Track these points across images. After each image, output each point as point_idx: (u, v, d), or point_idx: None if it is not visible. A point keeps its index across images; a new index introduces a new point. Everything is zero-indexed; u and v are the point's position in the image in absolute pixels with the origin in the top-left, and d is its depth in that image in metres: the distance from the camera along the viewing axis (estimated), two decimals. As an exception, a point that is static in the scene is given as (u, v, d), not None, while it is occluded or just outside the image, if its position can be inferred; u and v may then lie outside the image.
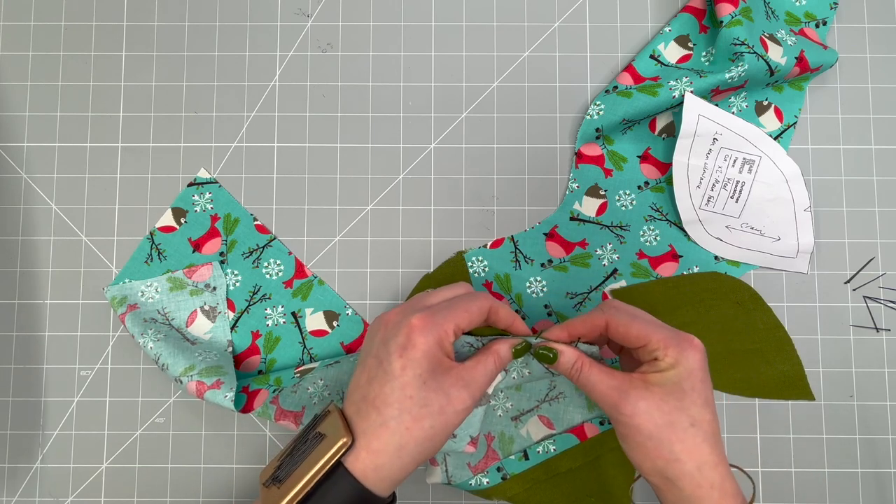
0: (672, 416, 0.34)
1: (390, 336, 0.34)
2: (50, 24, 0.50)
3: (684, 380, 0.34)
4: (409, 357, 0.33)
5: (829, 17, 0.50)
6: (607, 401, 0.35)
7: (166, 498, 0.46)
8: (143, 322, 0.45)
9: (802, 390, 0.47)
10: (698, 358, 0.34)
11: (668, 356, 0.34)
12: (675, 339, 0.35)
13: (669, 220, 0.49)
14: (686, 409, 0.34)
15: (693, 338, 0.35)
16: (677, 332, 0.35)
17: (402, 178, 0.49)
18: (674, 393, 0.34)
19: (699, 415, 0.34)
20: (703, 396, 0.34)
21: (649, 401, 0.34)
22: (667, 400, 0.34)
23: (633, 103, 0.46)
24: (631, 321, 0.36)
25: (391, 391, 0.33)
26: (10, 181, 0.48)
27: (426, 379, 0.33)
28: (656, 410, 0.34)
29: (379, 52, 0.50)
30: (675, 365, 0.34)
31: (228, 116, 0.49)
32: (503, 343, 0.37)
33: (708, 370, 0.35)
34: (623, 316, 0.36)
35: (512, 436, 0.45)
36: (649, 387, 0.34)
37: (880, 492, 0.46)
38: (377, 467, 0.32)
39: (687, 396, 0.34)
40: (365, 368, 0.35)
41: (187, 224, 0.48)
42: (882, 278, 0.48)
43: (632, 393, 0.34)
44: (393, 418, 0.33)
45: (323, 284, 0.48)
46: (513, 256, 0.48)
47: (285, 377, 0.44)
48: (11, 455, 0.47)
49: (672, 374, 0.34)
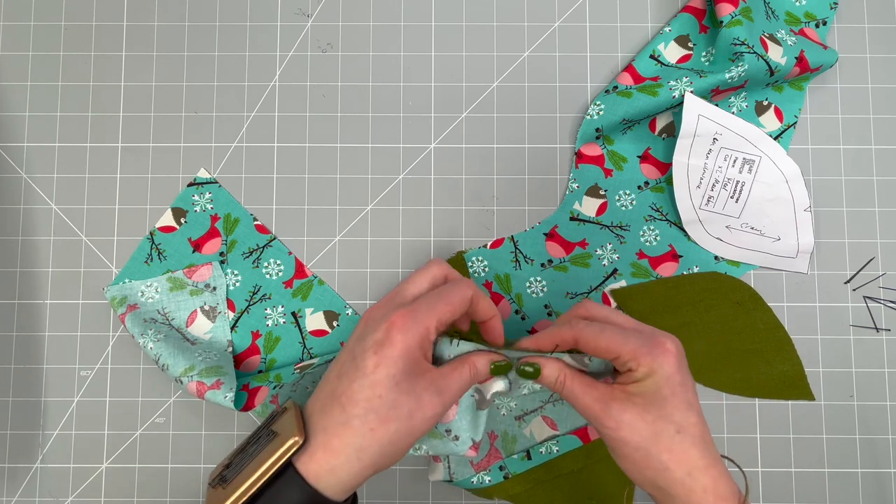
0: (656, 425, 0.33)
1: (368, 332, 0.33)
2: (50, 24, 0.50)
3: (662, 387, 0.33)
4: (384, 354, 0.31)
5: (829, 17, 0.50)
6: (591, 413, 0.34)
7: (166, 498, 0.46)
8: (142, 322, 0.45)
9: (802, 390, 0.47)
10: (672, 362, 0.33)
11: (641, 366, 0.33)
12: (647, 346, 0.33)
13: (669, 220, 0.49)
14: (669, 416, 0.33)
15: (665, 340, 0.34)
16: (649, 337, 0.34)
17: (402, 178, 0.49)
18: (655, 402, 0.33)
19: (684, 420, 0.33)
20: (684, 400, 0.33)
21: (632, 412, 0.33)
22: (649, 409, 0.33)
23: (633, 103, 0.46)
24: (599, 335, 0.34)
25: (360, 388, 0.31)
26: (10, 181, 0.48)
27: (399, 380, 0.31)
28: (640, 422, 0.33)
29: (379, 52, 0.50)
30: (650, 374, 0.33)
31: (228, 116, 0.49)
32: (481, 356, 0.35)
33: (686, 370, 0.34)
34: (591, 330, 0.35)
35: (515, 435, 0.45)
36: (631, 397, 0.34)
37: (880, 492, 0.46)
38: (333, 468, 0.31)
39: (668, 403, 0.33)
40: (337, 363, 0.34)
41: (187, 224, 0.48)
42: (882, 278, 0.48)
43: (614, 405, 0.33)
44: (357, 417, 0.31)
45: (323, 284, 0.48)
46: (513, 256, 0.48)
47: (285, 374, 0.44)
48: (11, 455, 0.47)
49: (649, 382, 0.33)
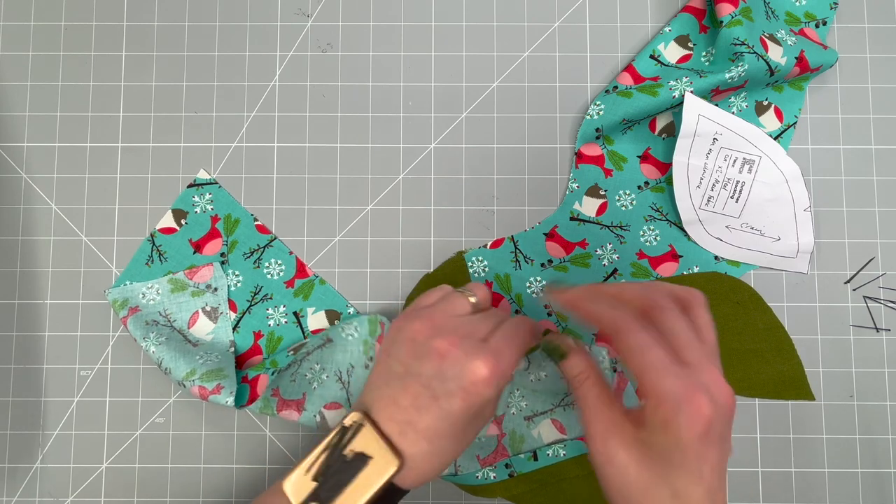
0: (651, 481, 0.28)
1: (451, 374, 0.32)
2: (50, 24, 0.50)
3: (674, 452, 0.27)
4: (471, 402, 0.32)
5: (829, 17, 0.50)
6: (588, 431, 0.31)
7: (166, 498, 0.46)
8: (144, 325, 0.45)
9: (802, 390, 0.47)
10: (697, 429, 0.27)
11: (658, 412, 0.27)
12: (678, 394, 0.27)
13: (669, 220, 0.49)
14: (670, 478, 0.28)
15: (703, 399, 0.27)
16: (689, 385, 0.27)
17: (402, 178, 0.49)
18: (659, 459, 0.28)
19: (686, 489, 0.27)
20: (696, 470, 0.27)
21: (630, 454, 0.29)
22: (652, 460, 0.28)
23: (633, 103, 0.46)
24: (646, 350, 0.28)
25: (446, 426, 0.33)
26: (10, 181, 0.48)
27: (476, 412, 0.33)
28: (634, 467, 0.28)
29: (379, 52, 0.50)
30: (664, 427, 0.27)
31: (228, 116, 0.49)
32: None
33: (717, 438, 0.28)
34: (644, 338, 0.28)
35: (523, 435, 0.45)
36: (638, 435, 0.29)
37: (880, 492, 0.46)
38: (421, 479, 0.34)
39: (676, 467, 0.28)
40: (408, 391, 0.33)
41: (188, 225, 0.48)
42: (882, 278, 0.48)
43: (614, 437, 0.29)
44: (445, 448, 0.34)
45: (324, 284, 0.48)
46: (513, 256, 0.48)
47: (280, 359, 0.44)
48: (11, 455, 0.47)
49: (660, 436, 0.28)
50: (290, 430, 0.47)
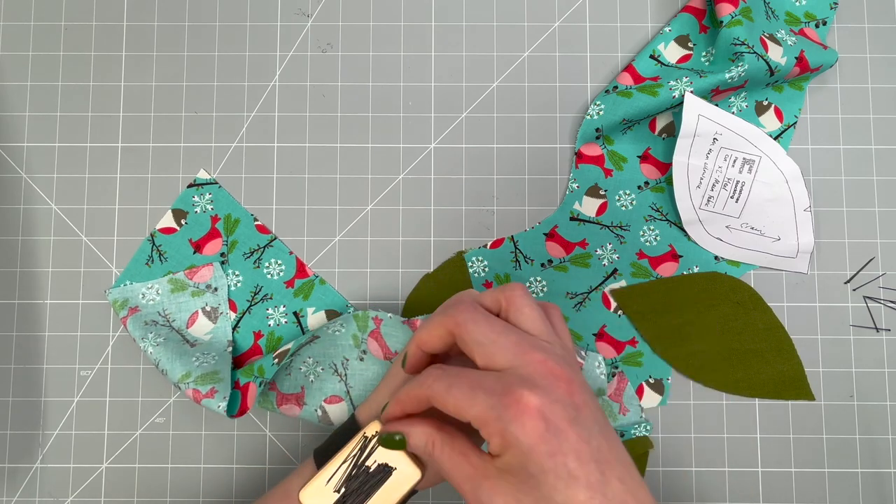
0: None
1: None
2: (50, 24, 0.50)
3: (528, 463, 0.26)
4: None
5: (829, 17, 0.50)
6: (458, 488, 0.28)
7: (166, 498, 0.46)
8: (143, 325, 0.45)
9: (802, 390, 0.47)
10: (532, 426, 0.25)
11: (492, 440, 0.26)
12: (496, 408, 0.26)
13: (669, 220, 0.49)
14: (548, 497, 0.25)
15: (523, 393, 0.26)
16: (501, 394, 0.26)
17: (402, 178, 0.49)
18: (526, 481, 0.26)
19: (568, 499, 0.25)
20: (564, 473, 0.25)
21: (506, 495, 0.26)
22: (522, 490, 0.26)
23: (633, 103, 0.46)
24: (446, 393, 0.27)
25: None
26: (10, 181, 0.48)
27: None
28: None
29: (379, 52, 0.50)
30: (506, 447, 0.26)
31: (228, 116, 0.49)
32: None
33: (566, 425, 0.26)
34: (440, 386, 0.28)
35: None
36: (502, 474, 0.27)
37: (880, 492, 0.46)
38: (431, 482, 0.35)
39: (542, 481, 0.25)
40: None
41: (188, 225, 0.48)
42: (882, 278, 0.48)
43: (484, 485, 0.27)
44: None
45: (324, 284, 0.48)
46: (513, 256, 0.48)
47: (266, 364, 0.44)
48: (11, 455, 0.47)
49: (509, 458, 0.26)
50: (291, 430, 0.47)
